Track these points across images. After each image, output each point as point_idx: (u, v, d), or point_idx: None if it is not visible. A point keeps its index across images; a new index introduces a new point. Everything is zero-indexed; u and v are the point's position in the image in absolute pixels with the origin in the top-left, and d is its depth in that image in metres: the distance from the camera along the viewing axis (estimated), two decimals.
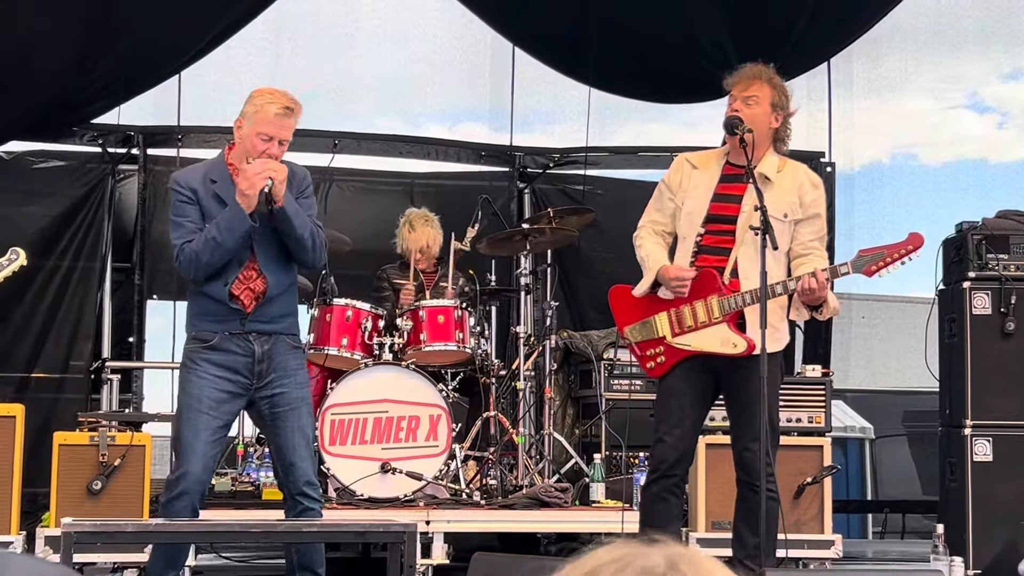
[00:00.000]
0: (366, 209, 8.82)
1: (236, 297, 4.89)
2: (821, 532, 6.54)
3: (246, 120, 4.89)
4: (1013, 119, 10.85)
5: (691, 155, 5.23)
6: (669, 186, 5.13)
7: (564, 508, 6.62)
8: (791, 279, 4.89)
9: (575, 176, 9.14)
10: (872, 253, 4.96)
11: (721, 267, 4.97)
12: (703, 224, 5.01)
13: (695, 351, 4.99)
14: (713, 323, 4.94)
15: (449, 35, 9.24)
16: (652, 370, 5.09)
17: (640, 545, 1.62)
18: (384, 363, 6.77)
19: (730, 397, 5.08)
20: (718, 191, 5.04)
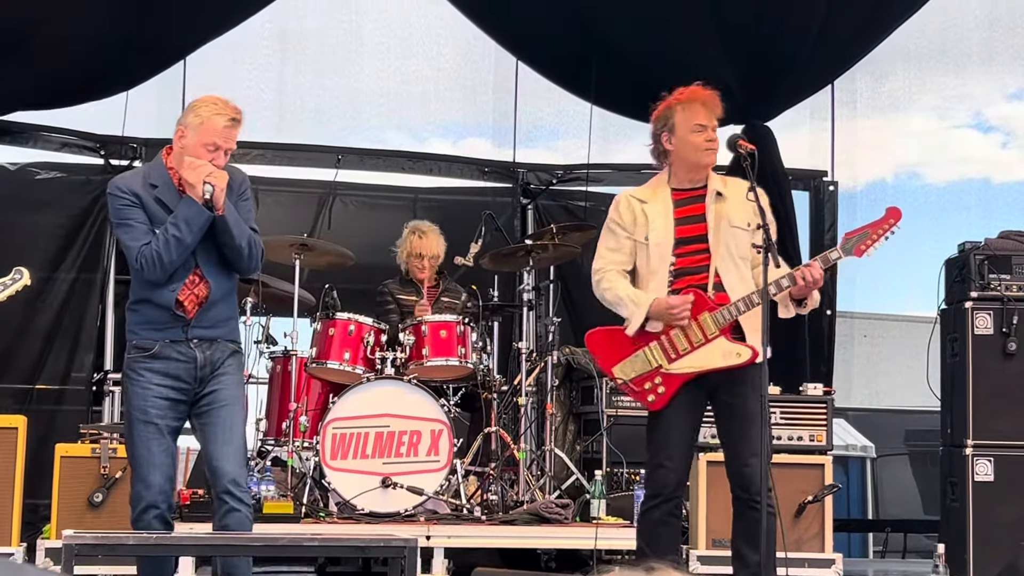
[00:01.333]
0: (369, 224, 8.83)
1: (181, 303, 4.84)
2: (822, 551, 6.53)
3: (190, 130, 4.84)
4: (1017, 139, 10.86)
5: (633, 191, 5.23)
6: (622, 225, 5.09)
7: (565, 524, 6.62)
8: (784, 278, 4.90)
9: (578, 192, 9.16)
10: (857, 234, 5.04)
11: (702, 284, 4.98)
12: (674, 250, 5.01)
13: (698, 371, 4.95)
14: (710, 339, 4.94)
15: (453, 51, 9.27)
16: (653, 403, 5.00)
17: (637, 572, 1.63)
18: (386, 378, 6.77)
19: (726, 413, 5.02)
20: (677, 216, 5.05)
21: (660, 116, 5.14)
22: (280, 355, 7.13)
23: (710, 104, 5.09)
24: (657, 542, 5.02)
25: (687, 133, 5.04)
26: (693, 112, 5.05)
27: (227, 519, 4.80)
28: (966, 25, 9.43)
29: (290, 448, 6.80)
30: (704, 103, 5.08)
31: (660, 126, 5.12)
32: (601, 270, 5.11)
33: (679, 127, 5.06)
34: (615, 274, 5.08)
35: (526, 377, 7.24)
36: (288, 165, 9.08)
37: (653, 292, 5.00)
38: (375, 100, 9.45)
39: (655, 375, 4.99)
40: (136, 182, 4.92)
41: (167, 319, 4.85)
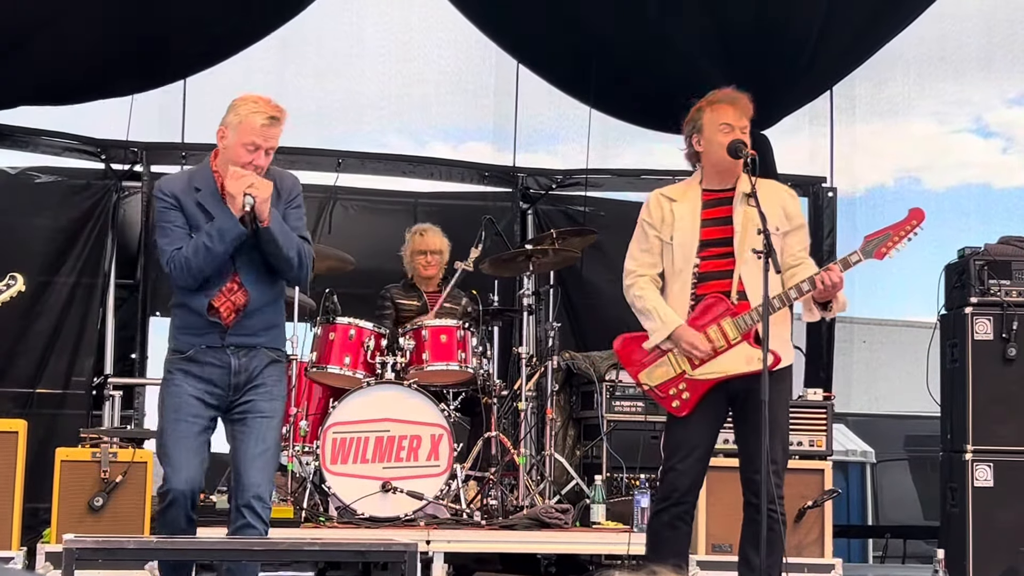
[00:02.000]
0: (370, 228, 8.83)
1: (216, 310, 4.81)
2: (822, 556, 6.54)
3: (230, 129, 4.81)
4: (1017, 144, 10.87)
5: (665, 190, 5.22)
6: (652, 224, 5.09)
7: (564, 529, 6.62)
8: (804, 282, 4.89)
9: (578, 197, 9.16)
10: (878, 236, 4.99)
11: (725, 290, 4.97)
12: (698, 253, 5.01)
13: (720, 377, 4.95)
14: (732, 345, 4.94)
15: (454, 54, 9.27)
16: (678, 409, 4.99)
17: None
18: (386, 382, 6.78)
19: (744, 420, 5.02)
20: (704, 217, 5.04)
21: (690, 119, 5.13)
22: None
23: (739, 105, 5.07)
24: (663, 546, 5.03)
25: (714, 133, 5.02)
26: (721, 112, 5.04)
27: (241, 534, 4.77)
28: (965, 31, 9.45)
29: (290, 453, 6.81)
30: (733, 103, 5.07)
31: (690, 128, 5.12)
32: (633, 273, 5.11)
33: (706, 128, 5.05)
34: (647, 281, 5.06)
35: (526, 382, 7.24)
36: (288, 168, 9.04)
37: (677, 294, 5.00)
38: (376, 103, 9.46)
39: (679, 381, 4.99)
40: (179, 185, 4.89)
41: (204, 325, 4.83)
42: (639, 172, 9.31)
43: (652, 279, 5.07)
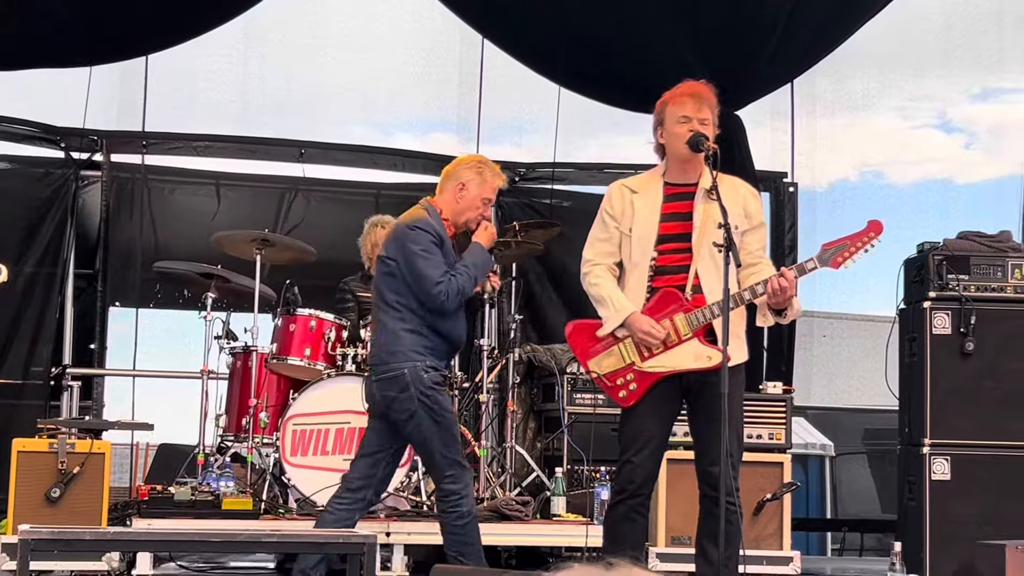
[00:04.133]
0: (332, 219, 8.80)
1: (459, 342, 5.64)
2: (780, 548, 6.57)
3: (472, 184, 5.55)
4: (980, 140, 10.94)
5: (627, 181, 5.22)
6: (612, 215, 5.10)
7: (525, 521, 6.63)
8: (758, 284, 4.89)
9: (541, 190, 9.16)
10: (836, 245, 4.99)
11: (681, 285, 4.98)
12: (656, 246, 5.01)
13: (669, 372, 4.96)
14: (683, 340, 4.94)
15: (419, 45, 9.24)
16: (625, 399, 5.01)
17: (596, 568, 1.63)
18: (347, 374, 6.76)
19: (698, 413, 5.05)
20: (664, 211, 5.04)
21: (655, 113, 5.15)
22: (240, 351, 7.10)
23: (699, 97, 5.06)
24: (621, 538, 5.04)
25: (673, 126, 5.02)
26: (680, 105, 5.04)
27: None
28: (927, 28, 9.50)
29: (250, 444, 6.78)
30: (693, 96, 5.06)
31: (655, 122, 5.14)
32: (590, 262, 5.12)
33: (667, 121, 5.06)
34: (603, 269, 5.08)
35: (487, 374, 7.24)
36: (251, 159, 9.03)
37: (633, 286, 5.01)
38: (340, 94, 9.42)
39: (628, 371, 5.00)
40: (438, 227, 5.52)
41: (447, 352, 5.61)
42: (603, 166, 9.33)
43: (608, 268, 5.09)
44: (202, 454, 6.99)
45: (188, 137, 8.77)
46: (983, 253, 6.79)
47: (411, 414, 5.40)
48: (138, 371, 8.46)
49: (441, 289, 5.37)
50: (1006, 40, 9.23)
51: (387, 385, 5.44)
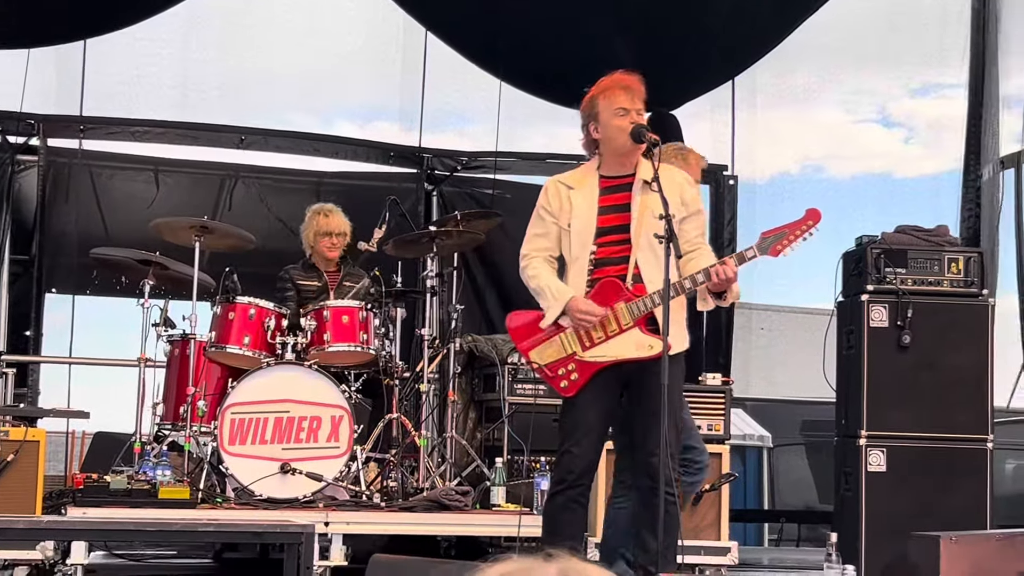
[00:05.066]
0: (272, 206, 8.75)
1: None
2: (718, 539, 6.61)
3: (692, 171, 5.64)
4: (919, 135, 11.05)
5: (562, 177, 5.22)
6: (549, 211, 5.09)
7: (464, 511, 6.62)
8: (698, 274, 4.91)
9: (483, 180, 9.15)
10: (775, 233, 5.02)
11: (621, 275, 4.99)
12: (595, 240, 5.02)
13: (610, 361, 4.97)
14: (624, 330, 4.95)
15: (361, 32, 9.20)
16: (566, 389, 5.01)
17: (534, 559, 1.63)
18: (286, 363, 6.72)
19: (637, 403, 5.05)
20: (602, 204, 5.05)
21: (585, 107, 5.12)
22: (178, 338, 7.04)
23: (632, 88, 5.06)
24: (560, 527, 5.04)
25: (611, 119, 5.02)
26: (614, 97, 5.04)
27: None
28: (870, 23, 9.58)
29: (187, 433, 6.72)
30: (626, 87, 5.06)
31: (586, 117, 5.11)
32: (527, 256, 5.12)
33: (603, 114, 5.04)
34: (541, 261, 5.08)
35: (428, 364, 7.22)
36: (190, 144, 8.95)
37: (573, 280, 5.02)
38: (282, 81, 9.36)
39: (569, 361, 5.00)
40: None
41: None
42: (544, 156, 9.33)
43: (546, 259, 5.09)
44: (139, 442, 6.92)
45: (127, 122, 8.67)
46: (920, 247, 6.86)
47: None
48: (74, 358, 8.37)
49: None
50: (947, 36, 9.32)
51: None
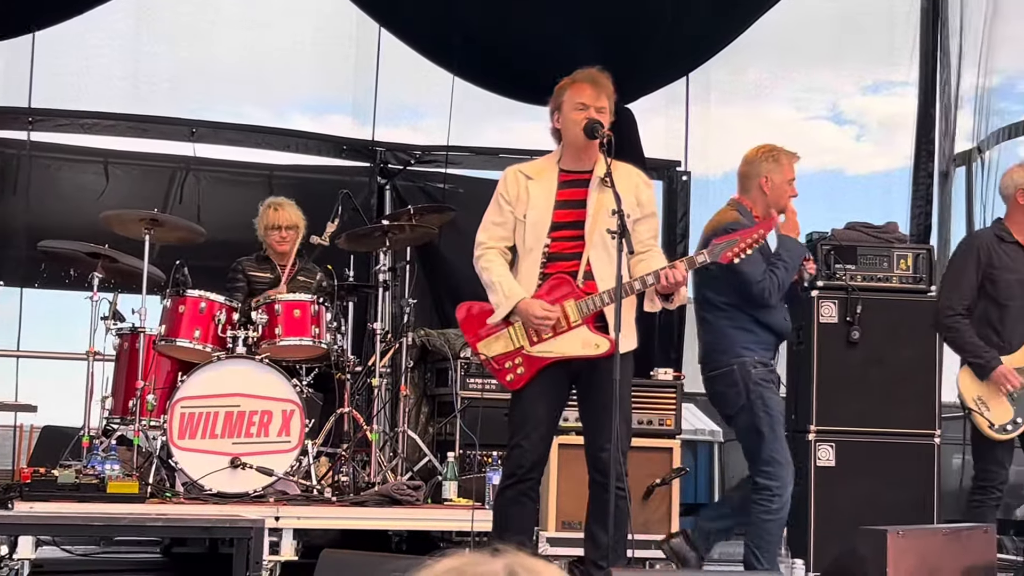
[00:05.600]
0: (223, 199, 8.70)
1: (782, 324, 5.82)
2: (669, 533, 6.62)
3: (774, 173, 5.81)
4: (870, 132, 11.11)
5: (523, 166, 5.23)
6: (507, 199, 5.10)
7: (416, 506, 6.61)
8: (648, 275, 4.93)
9: (437, 174, 9.14)
10: (726, 240, 5.08)
11: (573, 271, 5.00)
12: (549, 233, 5.03)
13: (556, 357, 4.98)
14: (572, 327, 4.96)
15: (313, 25, 9.16)
16: (512, 383, 5.03)
17: (481, 554, 1.63)
18: (237, 356, 6.68)
19: (587, 399, 5.09)
20: (559, 198, 5.06)
21: (554, 97, 5.15)
22: (128, 332, 6.98)
23: (598, 84, 5.08)
24: (509, 522, 5.07)
25: (570, 111, 5.05)
26: (578, 92, 5.06)
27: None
28: (823, 20, 9.64)
29: (136, 427, 6.67)
30: (592, 83, 5.08)
31: (553, 106, 5.15)
32: (483, 245, 5.12)
33: (565, 106, 5.08)
34: (496, 253, 5.08)
35: (380, 358, 7.20)
36: (141, 137, 8.88)
37: (526, 271, 5.02)
38: (233, 73, 9.30)
39: (516, 355, 5.01)
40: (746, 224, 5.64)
41: (774, 343, 5.83)
42: (498, 150, 9.33)
43: (501, 252, 5.09)
44: (87, 436, 6.86)
45: (76, 114, 8.60)
46: (870, 244, 6.92)
47: (740, 408, 5.72)
48: (22, 352, 8.29)
49: (764, 287, 5.65)
50: (897, 35, 9.39)
51: (718, 381, 5.79)
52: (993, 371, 6.10)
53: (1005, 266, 6.24)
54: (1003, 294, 6.21)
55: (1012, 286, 6.22)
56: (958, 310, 6.23)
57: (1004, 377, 6.09)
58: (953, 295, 6.29)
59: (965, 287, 6.25)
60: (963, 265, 6.33)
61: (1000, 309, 6.22)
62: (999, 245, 6.28)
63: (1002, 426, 6.14)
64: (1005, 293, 6.21)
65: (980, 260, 6.25)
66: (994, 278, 6.23)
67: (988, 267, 6.24)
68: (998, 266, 6.24)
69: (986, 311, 6.24)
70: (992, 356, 6.14)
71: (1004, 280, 6.22)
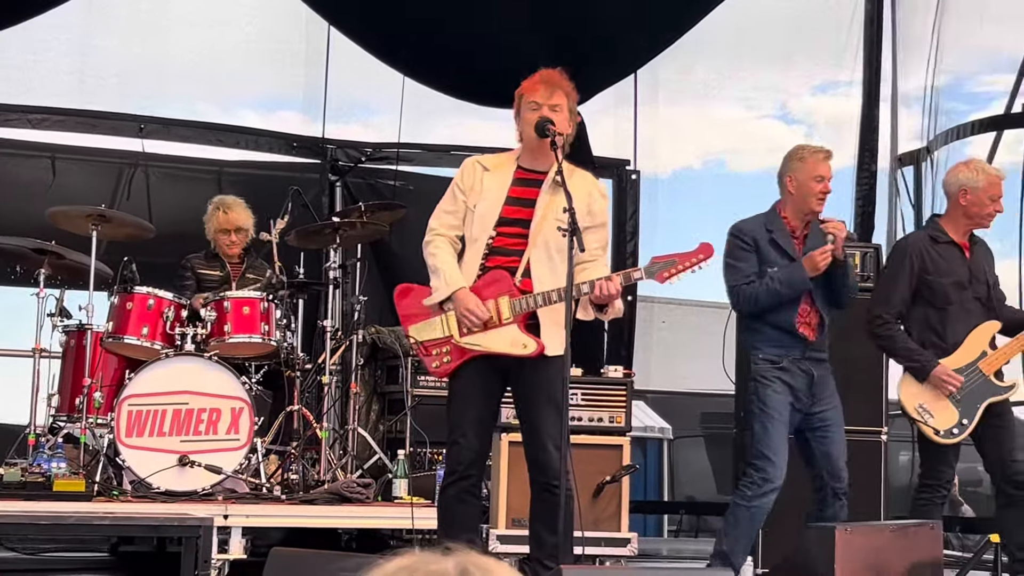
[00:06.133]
0: (172, 196, 8.63)
1: (798, 329, 5.74)
2: (618, 530, 6.66)
3: (798, 172, 5.80)
4: (819, 131, 11.18)
5: (482, 158, 5.27)
6: (462, 188, 5.13)
7: (366, 504, 6.60)
8: (584, 284, 4.95)
9: (388, 171, 9.12)
10: (664, 260, 5.10)
11: (513, 268, 5.02)
12: (495, 227, 5.05)
13: (481, 351, 5.00)
14: (503, 324, 4.98)
15: (264, 22, 9.11)
16: (437, 369, 5.07)
17: (433, 553, 1.64)
18: (186, 354, 6.64)
19: (521, 399, 5.10)
20: (511, 194, 5.08)
21: (515, 99, 5.18)
22: (75, 329, 6.92)
23: (551, 83, 5.10)
24: (453, 520, 5.08)
25: (525, 111, 5.08)
26: (531, 92, 5.09)
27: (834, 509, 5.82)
28: (772, 19, 9.70)
29: (83, 425, 6.61)
30: (545, 82, 5.10)
31: (515, 111, 5.18)
32: (433, 231, 5.14)
33: (522, 108, 5.11)
34: (444, 241, 5.10)
35: (331, 356, 7.18)
36: (89, 133, 8.80)
37: (468, 261, 5.05)
38: (184, 69, 9.23)
39: (445, 343, 5.04)
40: (756, 227, 5.83)
41: (788, 340, 5.76)
42: (450, 148, 9.32)
43: (450, 240, 5.11)
44: (33, 434, 6.79)
45: (24, 109, 8.51)
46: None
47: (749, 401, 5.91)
48: None
49: (735, 295, 5.81)
50: (843, 34, 9.47)
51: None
52: (931, 372, 6.11)
53: (940, 269, 6.22)
54: (940, 298, 6.21)
55: (949, 289, 6.21)
56: (887, 318, 6.22)
57: (943, 377, 6.10)
58: (881, 304, 6.28)
59: (895, 296, 6.24)
60: (895, 272, 6.30)
61: (939, 313, 6.22)
62: (933, 247, 6.27)
63: (948, 430, 6.15)
64: (942, 297, 6.20)
65: (913, 267, 6.23)
66: (930, 283, 6.22)
67: (923, 272, 6.22)
68: (932, 271, 6.22)
69: (926, 316, 6.24)
70: (928, 358, 6.14)
71: (940, 284, 6.22)
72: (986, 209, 6.23)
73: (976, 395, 6.15)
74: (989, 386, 6.18)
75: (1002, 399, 6.18)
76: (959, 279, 6.22)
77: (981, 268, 6.29)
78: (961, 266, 6.24)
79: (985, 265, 6.33)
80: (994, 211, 6.27)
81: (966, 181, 6.26)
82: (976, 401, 6.14)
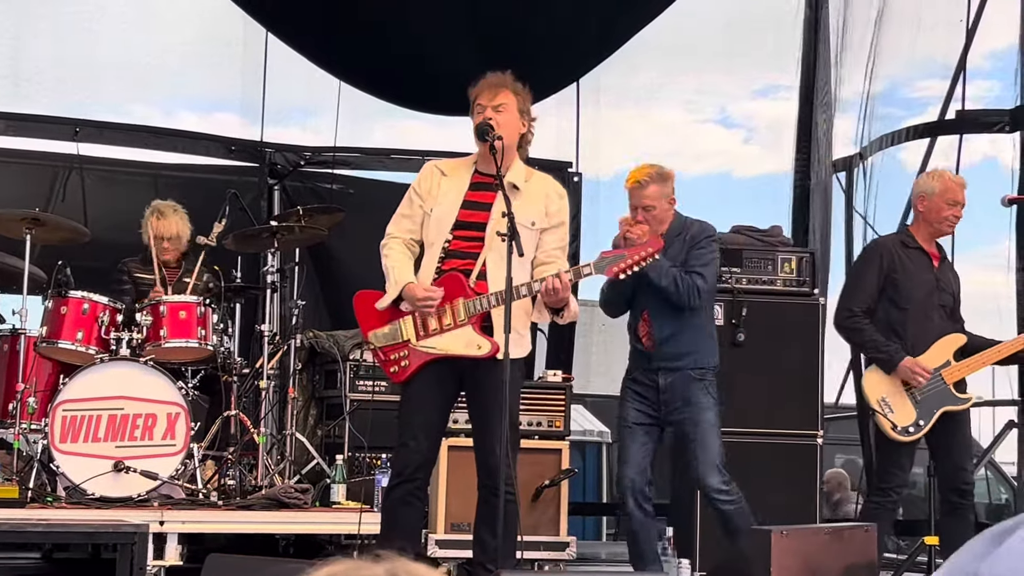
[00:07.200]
0: (108, 199, 8.54)
1: (640, 340, 5.92)
2: (557, 534, 6.67)
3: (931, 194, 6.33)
4: (758, 135, 11.30)
5: (440, 162, 5.31)
6: (419, 193, 5.17)
7: (304, 509, 6.57)
8: (535, 280, 4.98)
9: (326, 175, 9.08)
10: (613, 255, 5.14)
11: (468, 270, 5.03)
12: (452, 230, 5.07)
13: (440, 354, 5.02)
14: (459, 325, 4.99)
15: (200, 24, 9.05)
16: (396, 375, 5.09)
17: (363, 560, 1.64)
18: (121, 359, 6.58)
19: (473, 401, 5.14)
20: (467, 198, 5.12)
21: None
22: (8, 333, 6.84)
23: (495, 85, 5.14)
24: (397, 522, 5.08)
25: (472, 115, 5.14)
26: (478, 95, 5.14)
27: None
28: (712, 24, 9.77)
29: (16, 430, 6.52)
30: (489, 85, 5.15)
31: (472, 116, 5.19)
32: (390, 235, 5.18)
33: (473, 111, 5.15)
34: (399, 243, 5.13)
35: (268, 360, 7.14)
36: (23, 136, 8.68)
37: (425, 264, 5.07)
38: (118, 71, 9.14)
39: (403, 348, 5.06)
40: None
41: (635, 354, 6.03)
42: (388, 152, 9.30)
43: (405, 243, 5.15)
44: None
45: None
46: (755, 247, 7.03)
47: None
48: None
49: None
50: (783, 40, 9.55)
51: None
52: (899, 363, 6.22)
53: (907, 271, 6.37)
54: (904, 298, 6.34)
55: (913, 290, 6.35)
56: (855, 312, 6.36)
57: (913, 369, 6.20)
58: (851, 298, 6.43)
59: (864, 292, 6.38)
60: (864, 270, 6.48)
61: (902, 313, 6.35)
62: (903, 250, 6.43)
63: (904, 428, 6.25)
64: (906, 297, 6.34)
65: (883, 265, 6.38)
66: (896, 283, 6.36)
67: (891, 272, 6.37)
68: (900, 271, 6.37)
69: (888, 315, 6.37)
70: (896, 349, 6.26)
71: (905, 285, 6.36)
72: (943, 213, 6.38)
73: (935, 400, 6.27)
74: (948, 395, 6.29)
75: (958, 410, 6.30)
76: (925, 283, 6.36)
77: (948, 279, 6.46)
78: (928, 272, 6.40)
79: (952, 280, 6.47)
80: (952, 216, 6.40)
81: (923, 188, 6.46)
82: (933, 406, 6.26)
